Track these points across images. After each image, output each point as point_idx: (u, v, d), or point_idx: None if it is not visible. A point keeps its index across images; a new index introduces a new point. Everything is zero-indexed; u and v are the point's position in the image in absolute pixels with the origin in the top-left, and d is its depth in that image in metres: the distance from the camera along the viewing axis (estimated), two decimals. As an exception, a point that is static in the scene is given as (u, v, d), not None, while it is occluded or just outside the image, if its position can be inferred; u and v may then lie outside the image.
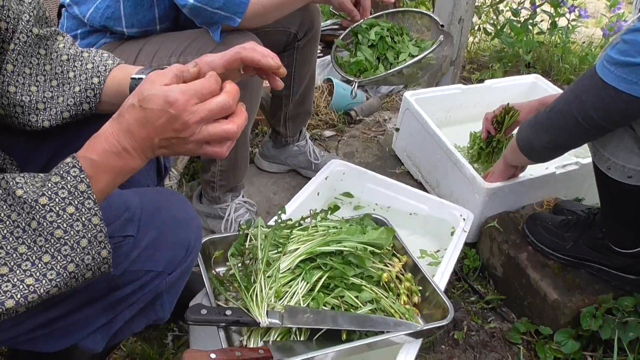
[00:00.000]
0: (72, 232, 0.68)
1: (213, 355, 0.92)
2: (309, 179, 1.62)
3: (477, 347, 1.46)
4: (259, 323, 1.02)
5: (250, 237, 1.23)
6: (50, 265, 0.67)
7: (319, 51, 1.95)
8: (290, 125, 1.89)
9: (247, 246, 1.22)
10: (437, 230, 1.58)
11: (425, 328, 1.13)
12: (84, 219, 0.68)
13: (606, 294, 1.42)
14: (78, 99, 0.92)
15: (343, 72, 1.78)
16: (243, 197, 1.70)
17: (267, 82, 0.96)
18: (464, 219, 1.52)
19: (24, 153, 0.95)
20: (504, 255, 1.59)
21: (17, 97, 0.87)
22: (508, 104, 1.71)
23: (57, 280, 0.67)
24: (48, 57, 0.91)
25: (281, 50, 1.72)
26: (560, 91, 2.12)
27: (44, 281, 0.67)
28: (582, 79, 1.21)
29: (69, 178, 0.68)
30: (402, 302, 1.18)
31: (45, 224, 0.66)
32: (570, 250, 1.50)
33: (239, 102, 0.77)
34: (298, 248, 1.18)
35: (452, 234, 1.49)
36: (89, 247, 0.69)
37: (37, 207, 0.66)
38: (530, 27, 2.82)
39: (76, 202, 0.68)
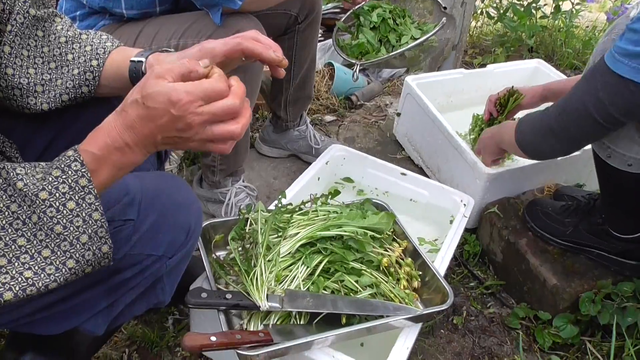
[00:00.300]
0: (71, 228, 0.67)
1: (213, 338, 0.93)
2: (310, 163, 1.61)
3: (476, 332, 1.47)
4: (259, 307, 1.02)
5: (251, 221, 1.23)
6: (50, 260, 0.67)
7: (319, 35, 1.93)
8: (290, 109, 1.88)
9: (247, 230, 1.22)
10: (437, 215, 1.58)
11: (424, 312, 1.13)
12: (84, 215, 0.68)
13: (605, 279, 1.43)
14: (77, 82, 0.91)
15: (345, 54, 1.77)
16: (243, 181, 1.70)
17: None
18: (464, 205, 1.52)
19: (23, 136, 0.94)
20: (504, 240, 1.59)
21: (15, 80, 0.87)
22: (512, 87, 1.70)
23: (56, 275, 0.67)
24: (46, 39, 0.90)
25: (282, 34, 1.71)
26: (563, 76, 2.11)
27: (42, 275, 0.66)
28: (592, 76, 1.15)
29: (70, 172, 0.67)
30: (401, 287, 1.18)
31: (45, 218, 0.66)
32: (570, 235, 1.50)
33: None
34: (298, 232, 1.18)
35: (452, 219, 1.48)
36: (90, 243, 0.69)
37: (37, 201, 0.66)
38: (533, 11, 2.79)
39: (77, 197, 0.67)
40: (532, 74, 2.24)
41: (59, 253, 0.67)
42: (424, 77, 2.03)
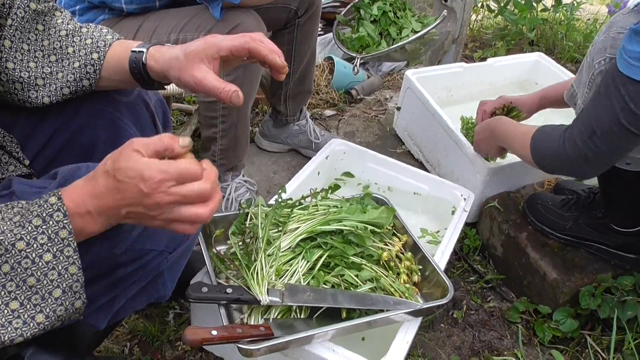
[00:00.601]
0: (45, 281, 0.65)
1: (214, 332, 0.93)
2: (310, 158, 1.61)
3: (476, 326, 1.48)
4: (260, 301, 1.02)
5: (251, 215, 1.23)
6: (18, 313, 0.64)
7: (319, 29, 1.93)
8: (290, 104, 1.88)
9: (247, 225, 1.22)
10: (437, 210, 1.58)
11: (424, 307, 1.14)
12: (60, 268, 0.66)
13: (605, 273, 1.43)
14: (78, 75, 0.91)
15: (345, 48, 1.76)
16: (243, 176, 1.70)
17: None
18: (464, 199, 1.52)
19: (24, 131, 0.94)
20: (504, 234, 1.60)
21: (16, 74, 0.86)
22: (511, 103, 1.62)
23: (24, 329, 0.65)
24: (46, 32, 0.90)
25: (281, 28, 1.70)
26: (564, 70, 2.10)
27: (9, 328, 0.64)
28: (611, 89, 1.08)
29: (51, 222, 0.66)
30: (402, 281, 1.19)
31: (19, 269, 0.64)
32: (570, 229, 1.50)
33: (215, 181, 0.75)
34: (298, 227, 1.18)
35: (452, 213, 1.49)
36: (63, 298, 0.67)
37: (13, 250, 0.63)
38: (534, 3, 2.78)
39: (55, 250, 0.65)
40: (533, 67, 2.24)
41: (28, 306, 0.65)
42: (424, 71, 2.03)
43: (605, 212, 1.45)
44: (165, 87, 0.98)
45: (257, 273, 1.05)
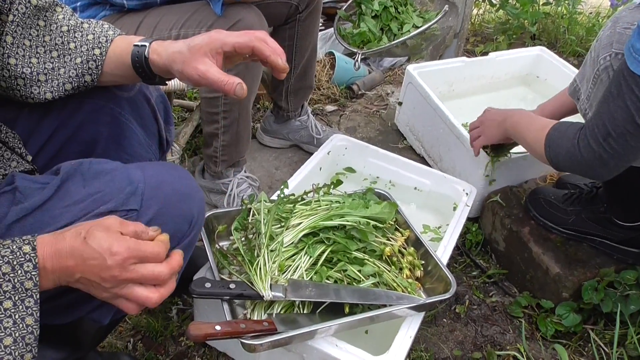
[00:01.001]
0: None
1: (218, 327, 0.93)
2: (311, 154, 1.61)
3: (478, 321, 1.48)
4: (263, 296, 1.02)
5: (253, 211, 1.23)
6: None
7: (320, 24, 1.92)
8: (292, 99, 1.88)
9: (250, 221, 1.22)
10: (439, 205, 1.58)
11: (427, 301, 1.14)
12: (17, 317, 0.65)
13: (608, 267, 1.43)
14: (80, 71, 0.91)
15: (346, 43, 1.76)
16: (245, 172, 1.70)
17: None
18: (466, 194, 1.52)
19: (27, 127, 0.94)
20: (506, 229, 1.60)
21: (18, 70, 0.86)
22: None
23: None
24: (47, 28, 0.90)
25: (282, 23, 1.70)
26: (567, 63, 2.09)
27: None
28: (623, 89, 1.07)
29: (19, 272, 0.65)
30: (404, 276, 1.19)
31: None
32: (572, 224, 1.50)
33: (177, 249, 0.79)
34: (301, 222, 1.18)
35: (454, 208, 1.48)
36: (13, 347, 0.65)
37: None
38: (535, -3, 2.77)
39: (16, 298, 0.65)
40: (535, 61, 2.23)
41: None
42: (426, 66, 2.02)
43: (608, 207, 1.45)
44: (167, 82, 0.98)
45: (260, 268, 1.05)
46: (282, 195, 1.28)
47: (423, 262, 1.25)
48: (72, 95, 0.94)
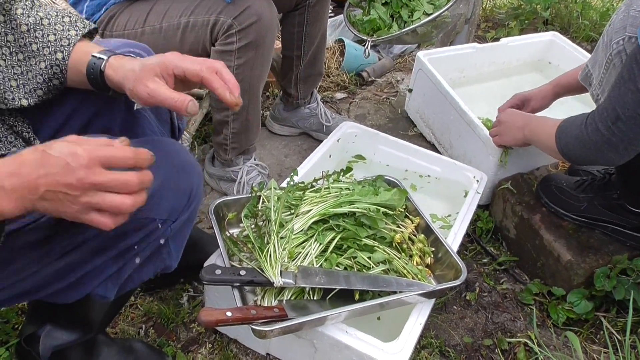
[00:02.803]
0: None
1: (229, 313, 0.94)
2: (321, 141, 1.61)
3: (489, 308, 1.48)
4: (273, 283, 1.03)
5: (263, 199, 1.23)
6: None
7: (330, 11, 1.91)
8: (301, 86, 1.87)
9: (260, 208, 1.22)
10: (450, 192, 1.57)
11: (437, 288, 1.13)
12: None
13: (621, 254, 1.42)
14: (46, 76, 0.89)
15: (356, 30, 1.75)
16: (255, 159, 1.70)
17: (278, 43, 0.93)
18: (477, 181, 1.51)
19: (40, 113, 0.94)
20: (517, 216, 1.58)
21: None
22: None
23: None
24: (8, 25, 0.87)
25: (292, 9, 1.68)
26: (580, 49, 2.06)
27: None
28: (631, 74, 1.06)
29: None
30: (414, 263, 1.19)
31: None
32: (584, 211, 1.48)
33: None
34: (311, 210, 1.18)
35: (465, 195, 1.48)
36: None
37: None
38: (548, -18, 2.73)
39: None
40: (547, 47, 2.20)
41: None
42: (436, 52, 2.00)
43: (621, 193, 1.43)
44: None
45: (270, 255, 1.06)
46: (291, 183, 1.28)
47: (433, 249, 1.24)
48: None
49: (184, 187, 0.90)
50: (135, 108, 0.91)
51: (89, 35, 0.95)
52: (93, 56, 0.88)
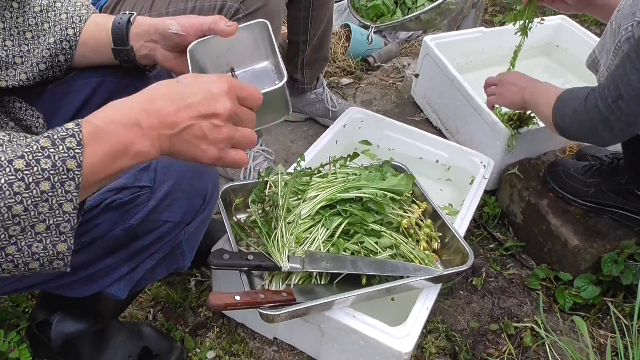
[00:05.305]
0: (32, 213, 0.55)
1: (238, 297, 0.94)
2: (327, 127, 1.60)
3: (495, 293, 1.48)
4: (280, 267, 1.03)
5: (270, 184, 1.23)
6: None
7: (336, -5, 1.89)
8: (307, 71, 1.86)
9: (267, 193, 1.22)
10: (457, 177, 1.57)
11: (444, 273, 1.14)
12: (54, 202, 0.56)
13: (629, 239, 1.41)
14: (53, 51, 0.90)
15: (360, 16, 1.73)
16: (261, 145, 1.70)
17: (284, 28, 0.93)
18: (484, 166, 1.50)
19: (50, 104, 0.94)
20: (524, 202, 1.58)
21: None
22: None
23: None
24: (21, 9, 0.88)
25: (298, -7, 1.67)
26: (589, 32, 2.03)
27: None
28: (639, 55, 1.05)
29: (60, 147, 0.56)
30: (421, 248, 1.19)
31: (7, 192, 0.53)
32: (592, 196, 1.48)
33: None
34: (318, 195, 1.18)
35: (472, 181, 1.47)
36: (45, 234, 0.57)
37: (7, 168, 0.54)
38: (557, -35, 2.68)
39: (55, 180, 0.56)
40: (556, 31, 2.17)
41: (1, 236, 0.55)
42: (443, 37, 1.99)
43: (629, 178, 1.43)
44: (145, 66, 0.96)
45: (277, 240, 1.06)
46: (298, 168, 1.28)
47: (440, 234, 1.24)
48: (95, 73, 0.93)
49: (199, 189, 0.89)
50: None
51: None
52: (118, 15, 0.90)
